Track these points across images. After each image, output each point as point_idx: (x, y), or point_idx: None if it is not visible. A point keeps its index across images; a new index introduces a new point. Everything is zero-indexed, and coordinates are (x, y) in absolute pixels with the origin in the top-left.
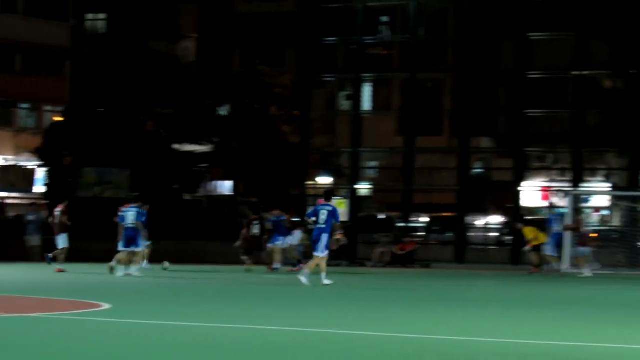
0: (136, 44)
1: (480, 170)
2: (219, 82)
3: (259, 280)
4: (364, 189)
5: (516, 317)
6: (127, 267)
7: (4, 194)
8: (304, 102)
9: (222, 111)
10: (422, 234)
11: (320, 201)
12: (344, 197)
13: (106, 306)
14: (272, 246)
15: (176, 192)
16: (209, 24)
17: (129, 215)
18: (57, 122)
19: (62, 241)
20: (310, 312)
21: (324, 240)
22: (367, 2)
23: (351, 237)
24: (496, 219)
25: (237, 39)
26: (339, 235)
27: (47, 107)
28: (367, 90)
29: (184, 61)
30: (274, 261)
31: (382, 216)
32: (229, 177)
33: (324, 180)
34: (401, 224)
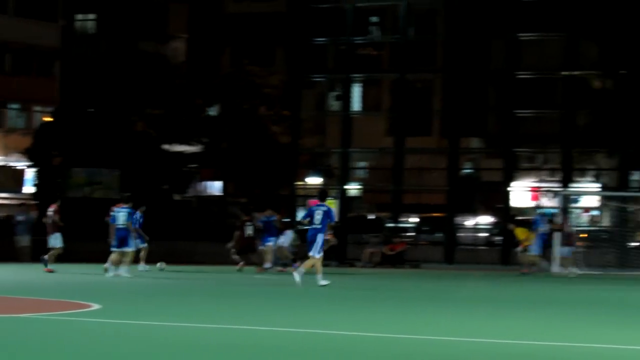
0: (126, 44)
1: (469, 170)
2: (209, 82)
3: (249, 280)
4: (353, 189)
5: (506, 317)
6: (116, 268)
7: None
8: (294, 102)
9: (211, 111)
10: (411, 234)
11: (311, 202)
12: (333, 198)
13: (96, 306)
14: (263, 247)
15: (166, 193)
16: (198, 24)
17: (120, 215)
18: (47, 122)
19: (54, 241)
20: (300, 313)
21: (320, 241)
22: (356, 3)
23: (341, 238)
24: (486, 220)
25: (226, 39)
26: (328, 235)
27: (36, 108)
28: (356, 90)
29: (174, 61)
30: (264, 261)
31: (371, 216)
32: (218, 177)
33: (314, 180)
34: (391, 225)
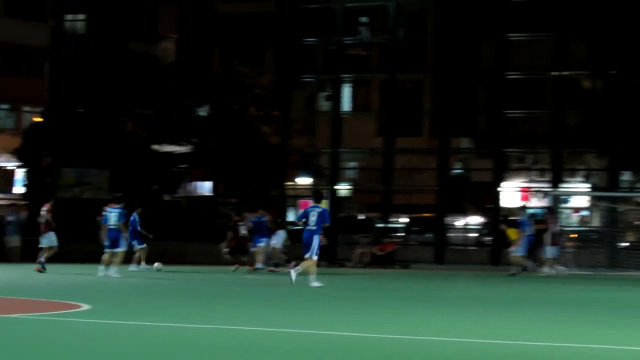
0: (115, 44)
1: (459, 170)
2: (199, 83)
3: (240, 281)
4: (343, 189)
5: (496, 317)
6: (107, 268)
7: None
8: (284, 102)
9: (201, 112)
10: (401, 234)
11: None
12: (323, 198)
13: (86, 307)
14: (255, 248)
15: (156, 193)
16: (188, 25)
17: (112, 216)
18: (36, 122)
19: (46, 240)
20: (290, 313)
21: (316, 242)
22: (346, 3)
23: (331, 238)
24: (476, 220)
25: (216, 39)
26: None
27: (26, 108)
28: (346, 90)
29: (164, 62)
30: (256, 262)
31: (361, 217)
32: (208, 177)
33: (304, 180)
34: (381, 225)
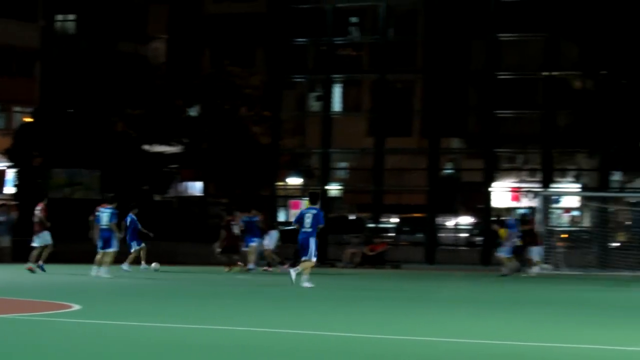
0: (106, 44)
1: (450, 170)
2: (189, 83)
3: (232, 281)
4: (334, 189)
5: (487, 317)
6: (99, 268)
7: None
8: (274, 102)
9: (192, 112)
10: (392, 234)
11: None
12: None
13: (76, 307)
14: (247, 248)
15: (146, 193)
16: (178, 25)
17: (104, 216)
18: (27, 123)
19: (40, 239)
20: (280, 313)
21: (312, 244)
22: (336, 3)
23: (322, 238)
24: (466, 220)
25: (206, 39)
26: None
27: (16, 108)
28: (337, 91)
29: (154, 62)
30: (248, 262)
31: (352, 217)
32: (199, 178)
33: (295, 181)
34: (372, 225)
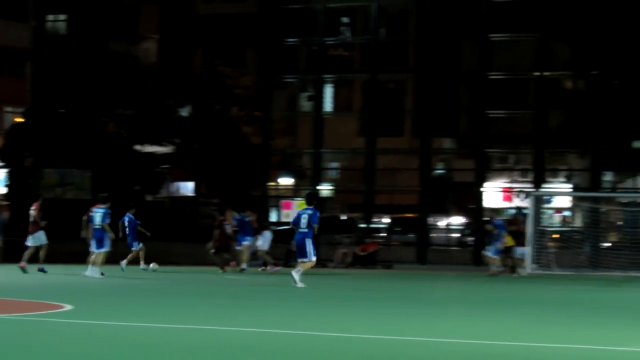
0: (97, 44)
1: (442, 171)
2: (180, 83)
3: (224, 281)
4: (325, 190)
5: (478, 317)
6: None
7: None
8: (265, 103)
9: (183, 112)
10: (384, 234)
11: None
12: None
13: (68, 307)
14: (239, 247)
15: (138, 193)
16: (169, 25)
17: (97, 216)
18: (18, 123)
19: (34, 239)
20: (272, 313)
21: (308, 244)
22: (327, 3)
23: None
24: (458, 220)
25: (198, 40)
26: None
27: (7, 108)
28: (328, 91)
29: (145, 62)
30: (241, 261)
31: (344, 217)
32: (190, 178)
33: (286, 181)
34: (363, 225)
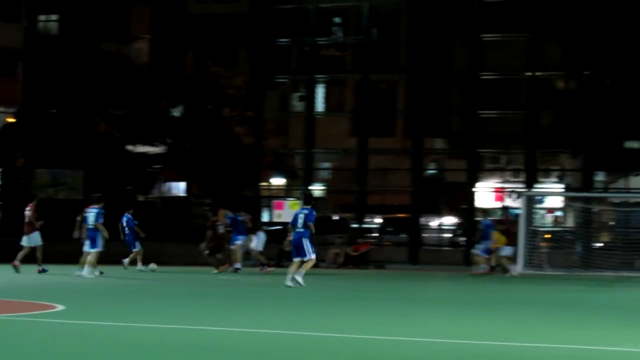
0: (89, 45)
1: (433, 171)
2: (172, 83)
3: (216, 281)
4: (317, 190)
5: (470, 317)
6: (87, 268)
7: None
8: (257, 103)
9: (175, 112)
10: (376, 235)
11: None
12: (297, 199)
13: (60, 307)
14: (232, 247)
15: (130, 193)
16: (161, 25)
17: (90, 216)
18: (10, 123)
19: (28, 240)
20: (263, 313)
21: (305, 243)
22: (319, 3)
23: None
24: (450, 220)
25: (189, 40)
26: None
27: None
28: (320, 91)
29: (137, 62)
30: (235, 261)
31: (336, 217)
32: (182, 178)
33: (278, 181)
34: (355, 225)
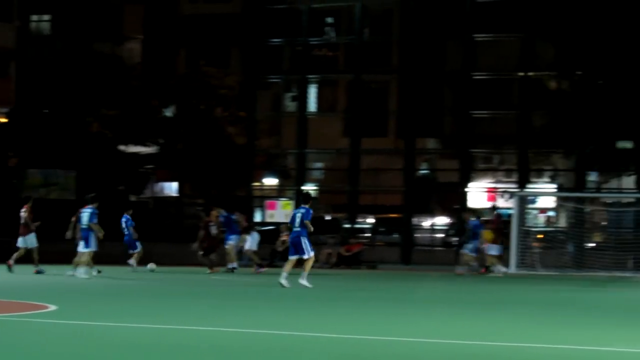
0: (81, 45)
1: (426, 171)
2: (164, 83)
3: (210, 281)
4: (310, 190)
5: (463, 318)
6: (84, 268)
7: None
8: (250, 103)
9: (167, 112)
10: (368, 235)
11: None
12: (289, 199)
13: (52, 307)
14: (226, 246)
15: (122, 194)
16: (154, 25)
17: (84, 216)
18: (2, 123)
19: (24, 241)
20: (256, 313)
21: (304, 241)
22: (312, 4)
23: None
24: (442, 220)
25: (182, 40)
26: (285, 236)
27: None
28: (312, 91)
29: (129, 62)
30: (230, 261)
31: (328, 217)
32: (174, 178)
33: (270, 181)
34: (347, 225)
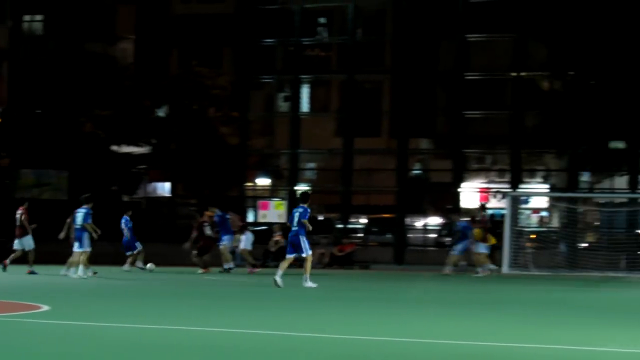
0: (74, 45)
1: (419, 171)
2: (157, 84)
3: (205, 281)
4: (302, 190)
5: (456, 318)
6: (78, 268)
7: None
8: (242, 103)
9: (160, 112)
10: (361, 235)
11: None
12: (282, 199)
13: (45, 308)
14: (220, 247)
15: (114, 194)
16: (146, 25)
17: (78, 216)
18: None
19: (20, 243)
20: (249, 313)
21: (302, 240)
22: (304, 4)
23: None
24: (435, 220)
25: (174, 40)
26: (277, 236)
27: None
28: (305, 91)
29: (122, 62)
30: (225, 261)
31: (321, 217)
32: (167, 178)
33: (263, 181)
34: (340, 225)
